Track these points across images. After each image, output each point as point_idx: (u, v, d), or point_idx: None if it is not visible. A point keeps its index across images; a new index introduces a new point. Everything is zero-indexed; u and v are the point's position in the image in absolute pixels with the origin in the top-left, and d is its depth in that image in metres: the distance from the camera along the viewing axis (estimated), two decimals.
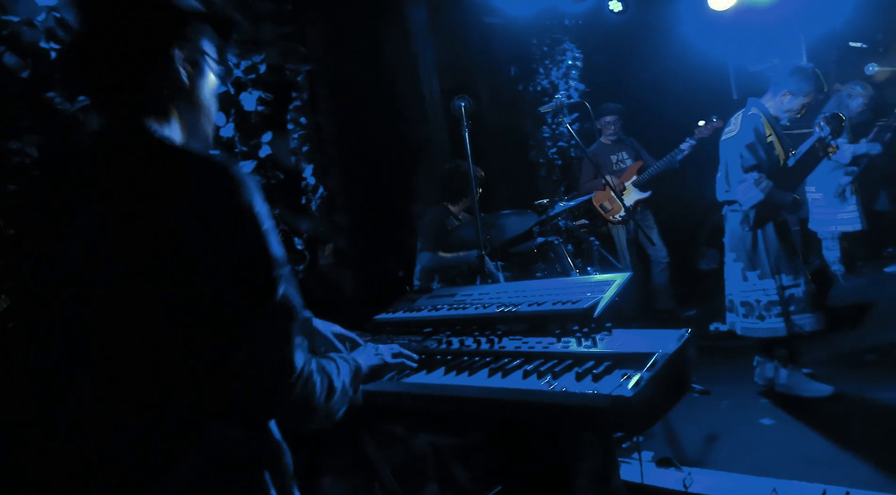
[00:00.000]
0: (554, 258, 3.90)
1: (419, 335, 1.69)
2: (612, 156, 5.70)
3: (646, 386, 1.10)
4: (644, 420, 1.11)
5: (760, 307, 3.67)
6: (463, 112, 3.25)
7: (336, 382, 1.10)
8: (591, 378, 1.17)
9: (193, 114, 1.13)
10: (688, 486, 2.32)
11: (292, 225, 4.06)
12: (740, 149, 3.54)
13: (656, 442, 3.42)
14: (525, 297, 1.68)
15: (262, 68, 3.87)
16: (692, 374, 3.72)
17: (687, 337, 1.27)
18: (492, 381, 1.28)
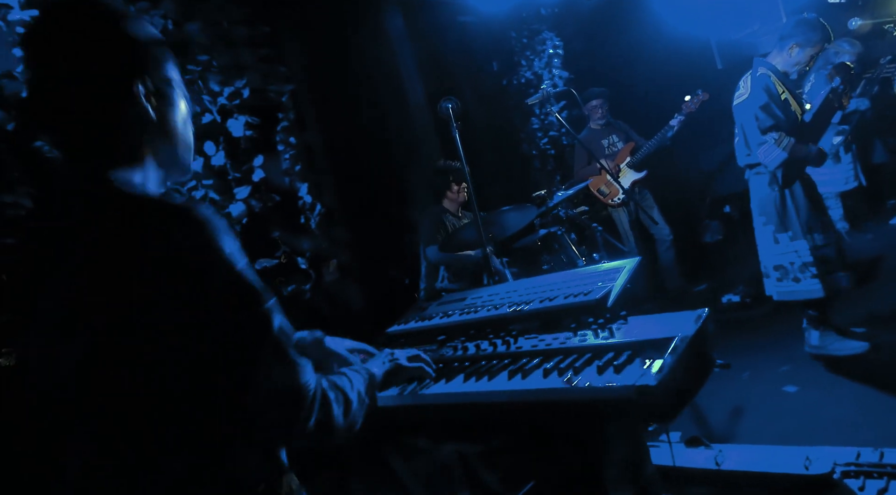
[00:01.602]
0: (558, 249, 3.88)
1: (434, 343, 1.67)
2: (602, 141, 5.68)
3: (669, 372, 1.08)
4: (672, 406, 1.09)
5: (795, 269, 3.61)
6: (451, 113, 3.23)
7: (351, 395, 1.10)
8: (613, 370, 1.15)
9: (167, 145, 1.09)
10: (720, 464, 2.29)
11: (294, 245, 4.05)
12: (755, 111, 3.48)
13: (682, 421, 3.39)
14: (535, 294, 1.66)
15: (246, 93, 3.87)
16: None
17: (705, 316, 1.25)
18: (512, 384, 1.26)
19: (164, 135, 1.08)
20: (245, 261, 0.96)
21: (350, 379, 1.15)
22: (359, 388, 1.15)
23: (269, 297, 0.97)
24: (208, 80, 3.72)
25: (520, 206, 3.69)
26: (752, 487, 2.20)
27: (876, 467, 2.03)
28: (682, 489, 2.35)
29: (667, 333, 1.21)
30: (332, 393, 1.04)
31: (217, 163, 3.64)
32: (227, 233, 0.95)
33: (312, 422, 0.97)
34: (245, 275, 0.94)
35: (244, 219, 3.68)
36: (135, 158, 1.04)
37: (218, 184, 3.62)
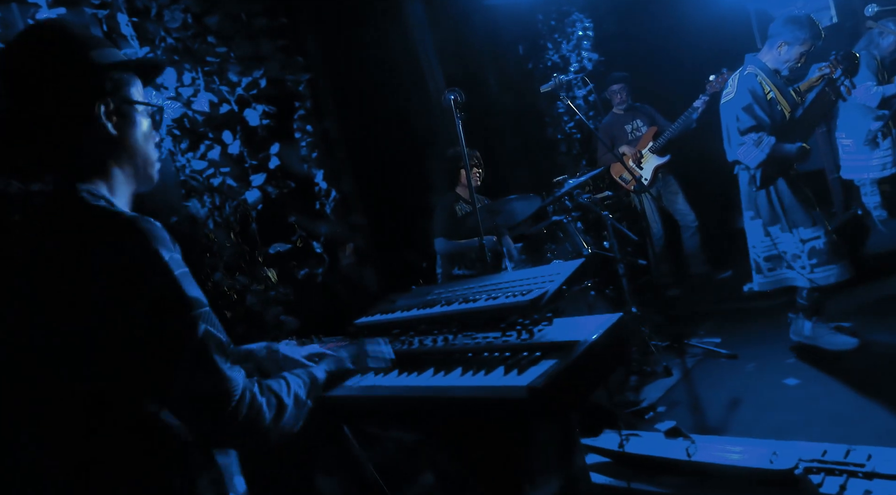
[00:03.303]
0: (564, 237, 3.93)
1: (389, 336, 1.79)
2: (626, 126, 5.63)
3: (560, 375, 1.17)
4: (562, 405, 1.17)
5: (787, 258, 3.62)
6: (453, 105, 3.29)
7: (286, 399, 1.19)
8: (518, 370, 1.24)
9: (130, 161, 1.21)
10: (691, 455, 2.34)
11: (310, 230, 4.22)
12: (737, 112, 3.50)
13: (681, 410, 3.44)
14: (486, 292, 1.75)
15: (263, 83, 4.02)
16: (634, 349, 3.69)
17: (613, 323, 1.32)
18: (435, 380, 1.36)
19: (125, 151, 1.20)
20: (183, 270, 1.07)
21: (288, 383, 1.24)
22: (296, 391, 1.24)
23: (201, 305, 1.07)
24: (227, 71, 3.89)
25: (524, 196, 3.75)
26: (718, 478, 2.25)
27: (838, 464, 2.06)
28: (654, 477, 2.42)
29: (574, 336, 1.29)
30: (264, 397, 1.13)
31: (234, 151, 3.81)
32: (167, 243, 1.06)
33: (238, 425, 1.06)
34: (181, 281, 1.05)
35: (260, 205, 3.85)
36: (101, 172, 1.16)
37: (235, 170, 3.80)
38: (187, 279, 1.07)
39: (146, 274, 1.02)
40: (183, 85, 3.66)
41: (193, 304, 1.05)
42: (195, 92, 3.68)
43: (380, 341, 1.67)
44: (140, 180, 1.25)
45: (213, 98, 3.73)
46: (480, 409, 1.26)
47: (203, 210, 3.59)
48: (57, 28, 1.17)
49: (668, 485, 2.33)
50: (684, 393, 3.61)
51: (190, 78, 3.70)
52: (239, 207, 3.79)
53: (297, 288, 3.95)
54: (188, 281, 1.07)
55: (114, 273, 1.00)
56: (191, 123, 3.67)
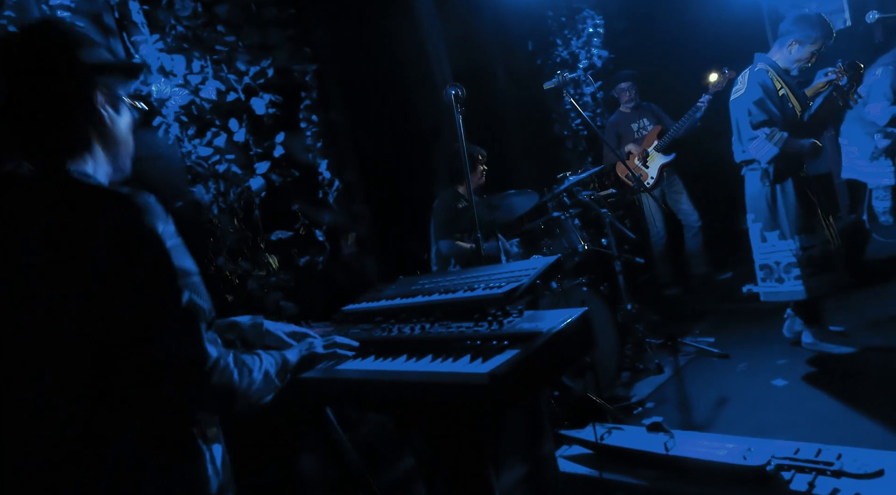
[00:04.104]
0: (560, 233, 3.98)
1: (371, 323, 1.86)
2: (632, 125, 5.66)
3: (522, 362, 1.23)
4: (521, 392, 1.24)
5: (780, 269, 3.65)
6: (454, 100, 3.34)
7: (256, 374, 1.28)
8: (482, 357, 1.31)
9: (114, 148, 1.32)
10: (669, 449, 2.40)
11: (312, 218, 4.30)
12: (748, 106, 3.51)
13: (668, 407, 3.49)
14: (466, 284, 1.82)
15: (271, 72, 4.09)
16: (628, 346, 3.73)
17: (577, 316, 1.38)
18: (406, 365, 1.43)
19: (112, 139, 1.31)
20: (176, 241, 1.16)
21: (261, 359, 1.34)
22: (267, 369, 1.33)
23: (188, 275, 1.16)
24: (235, 60, 3.97)
25: (522, 191, 3.80)
26: (693, 473, 2.31)
27: (808, 462, 2.11)
28: (633, 470, 2.49)
29: (539, 328, 1.35)
30: (236, 367, 1.22)
31: (239, 139, 3.90)
32: (162, 217, 1.16)
33: (209, 389, 1.16)
34: (172, 252, 1.14)
35: (263, 193, 3.94)
36: (87, 154, 1.26)
37: (240, 158, 3.88)
38: (178, 250, 1.16)
39: (140, 246, 1.11)
40: (192, 72, 3.74)
41: (180, 274, 1.14)
42: (203, 79, 3.76)
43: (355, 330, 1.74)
44: (117, 168, 1.35)
45: (220, 86, 3.81)
46: (446, 394, 1.33)
47: (208, 195, 3.68)
48: (54, 26, 1.28)
49: (645, 478, 2.39)
50: (674, 391, 3.67)
51: (199, 66, 3.78)
52: (243, 194, 3.87)
53: (297, 275, 4.03)
54: (179, 251, 1.16)
55: (111, 245, 1.09)
56: (198, 110, 3.75)
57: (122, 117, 1.33)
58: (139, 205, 1.14)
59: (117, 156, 1.33)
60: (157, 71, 3.61)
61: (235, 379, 1.21)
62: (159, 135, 3.60)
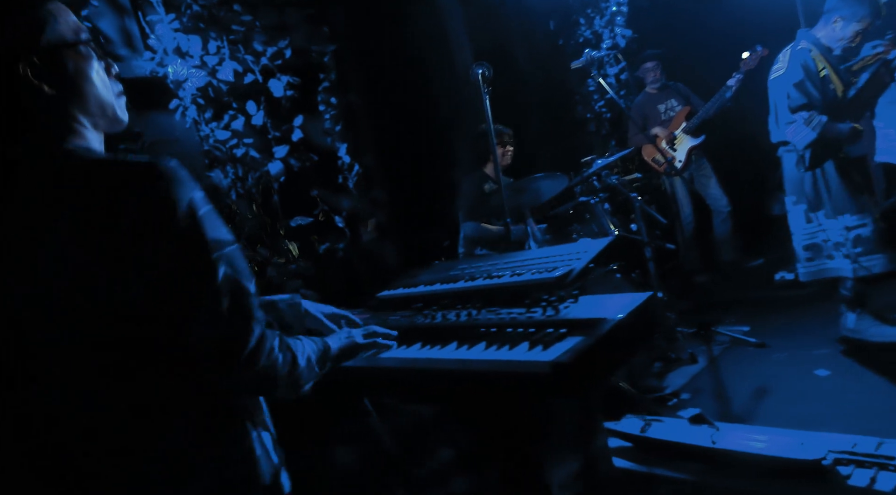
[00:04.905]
0: (590, 218, 3.90)
1: (411, 310, 1.80)
2: (659, 106, 5.54)
3: (586, 352, 1.17)
4: (584, 382, 1.18)
5: (829, 246, 3.56)
6: (481, 79, 3.26)
7: (300, 358, 1.21)
8: (542, 346, 1.25)
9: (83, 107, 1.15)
10: (715, 442, 2.34)
11: (331, 203, 4.25)
12: (787, 89, 3.42)
13: (705, 398, 3.42)
14: (511, 269, 1.76)
15: (288, 53, 4.03)
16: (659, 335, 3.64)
17: (643, 301, 1.32)
18: (458, 353, 1.38)
19: (73, 101, 1.14)
20: (207, 208, 1.07)
21: (304, 345, 1.27)
22: (309, 355, 1.26)
23: (222, 246, 1.06)
24: (252, 40, 3.90)
25: (551, 174, 3.72)
26: (742, 467, 2.24)
27: (868, 457, 2.04)
28: (677, 464, 2.42)
29: (602, 314, 1.29)
30: (281, 352, 1.15)
31: (257, 123, 3.85)
32: (189, 183, 1.06)
33: (255, 370, 1.08)
34: (203, 222, 1.05)
35: (282, 178, 3.89)
36: (67, 129, 1.13)
37: (258, 142, 3.84)
38: (210, 219, 1.07)
39: (170, 219, 1.02)
40: (208, 53, 3.69)
41: (214, 246, 1.05)
42: (220, 61, 3.71)
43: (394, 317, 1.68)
44: (105, 122, 1.21)
45: (237, 67, 3.75)
46: (503, 383, 1.27)
47: (226, 180, 3.63)
48: None
49: (690, 472, 2.33)
50: (709, 381, 3.59)
51: (215, 46, 3.72)
52: (261, 179, 3.83)
53: (317, 262, 3.99)
54: (211, 221, 1.07)
55: (136, 219, 1.01)
56: (215, 93, 3.70)
57: (73, 70, 1.14)
58: (162, 173, 1.04)
59: (92, 113, 1.18)
60: (173, 52, 3.55)
61: (279, 364, 1.14)
62: (176, 118, 3.56)
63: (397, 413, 1.81)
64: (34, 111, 1.11)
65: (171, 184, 1.03)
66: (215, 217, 1.09)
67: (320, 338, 1.40)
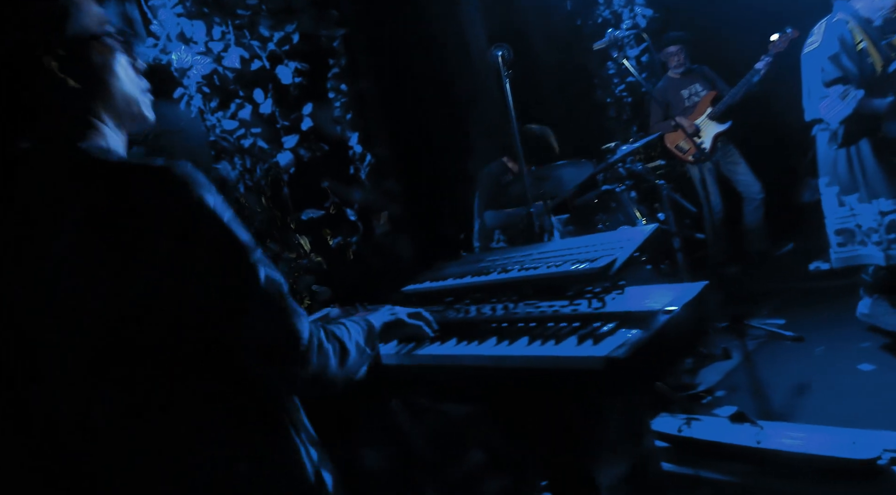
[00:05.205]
0: (616, 207, 3.85)
1: (441, 304, 1.76)
2: (682, 91, 5.46)
3: (643, 346, 1.13)
4: (642, 380, 1.14)
5: (862, 231, 3.50)
6: (501, 62, 3.21)
7: (349, 345, 1.19)
8: (592, 340, 1.21)
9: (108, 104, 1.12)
10: (760, 442, 2.29)
11: (343, 196, 4.21)
12: (821, 63, 3.35)
13: (741, 395, 3.37)
14: (547, 259, 1.71)
15: (296, 38, 3.98)
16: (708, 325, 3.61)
17: (699, 291, 1.27)
18: (498, 349, 1.34)
19: (98, 96, 1.11)
20: (229, 213, 1.04)
21: (348, 329, 1.24)
22: (357, 339, 1.24)
23: (255, 249, 1.05)
24: (258, 25, 3.86)
25: (575, 162, 3.67)
26: (791, 467, 2.20)
27: None
28: (720, 465, 2.38)
29: (654, 306, 1.25)
30: (329, 343, 1.13)
31: (265, 111, 3.81)
32: (208, 187, 1.03)
33: (310, 371, 1.07)
34: (231, 226, 1.02)
35: (292, 169, 3.85)
36: (87, 126, 1.09)
37: (266, 132, 3.80)
38: (236, 223, 1.04)
39: (195, 225, 0.99)
40: (212, 39, 3.65)
41: (249, 250, 1.03)
42: (225, 47, 3.67)
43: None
44: (129, 121, 1.18)
45: (244, 53, 3.71)
46: (551, 381, 1.23)
47: (233, 172, 3.60)
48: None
49: (735, 473, 2.29)
50: (745, 378, 3.54)
51: (220, 32, 3.68)
52: (270, 170, 3.79)
53: (329, 257, 3.95)
54: (237, 225, 1.04)
55: (161, 227, 0.97)
56: (221, 80, 3.66)
57: (98, 63, 1.11)
58: (183, 178, 0.99)
59: (117, 111, 1.15)
60: (176, 38, 3.52)
61: (331, 358, 1.12)
62: (181, 107, 3.52)
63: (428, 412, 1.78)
64: (55, 106, 1.07)
65: (192, 187, 1.00)
66: (238, 221, 1.06)
67: (361, 317, 1.37)
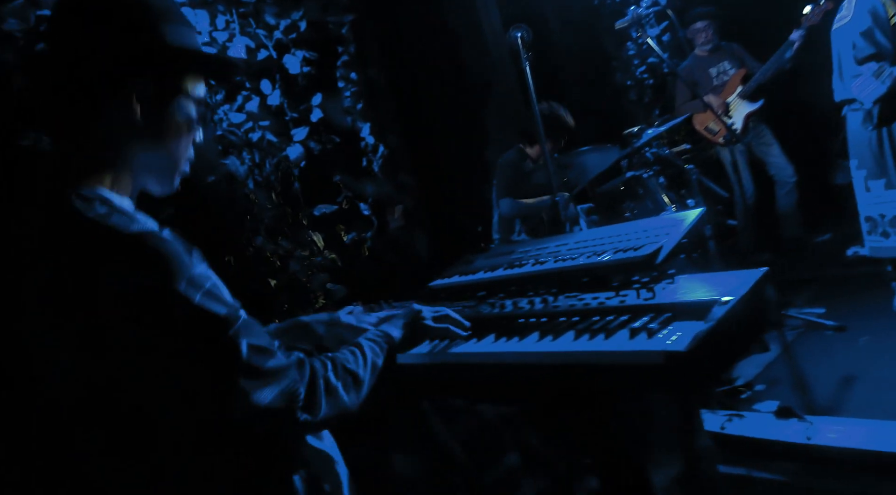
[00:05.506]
0: (644, 194, 3.79)
1: (473, 299, 1.72)
2: (710, 69, 5.37)
3: (704, 339, 1.08)
4: (703, 374, 1.09)
5: (885, 222, 3.45)
6: (520, 44, 3.17)
7: (362, 374, 1.18)
8: (646, 333, 1.16)
9: (151, 155, 1.12)
10: (811, 438, 2.24)
11: (355, 190, 4.18)
12: (853, 38, 3.29)
13: (782, 389, 3.31)
14: (586, 248, 1.67)
15: (303, 25, 3.95)
16: None
17: (759, 278, 1.23)
18: (542, 345, 1.30)
19: (149, 145, 1.11)
20: (207, 286, 0.99)
21: (364, 354, 1.23)
22: (373, 361, 1.23)
23: (234, 320, 1.01)
24: (263, 13, 3.83)
25: (600, 147, 3.62)
26: (845, 464, 2.15)
27: None
28: (768, 464, 2.33)
29: (711, 296, 1.20)
30: (339, 380, 1.13)
31: (273, 103, 3.78)
32: (181, 261, 0.98)
33: (320, 416, 1.07)
34: (207, 301, 0.98)
35: (302, 163, 3.82)
36: (110, 162, 1.08)
37: (274, 125, 3.77)
38: (214, 294, 1.00)
39: (165, 308, 0.96)
40: (216, 29, 3.62)
41: (227, 324, 1.00)
42: (230, 37, 3.64)
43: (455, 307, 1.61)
44: (157, 182, 1.17)
45: (249, 43, 3.68)
46: (602, 378, 1.19)
47: (242, 168, 3.57)
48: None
49: (784, 472, 2.24)
50: (785, 370, 3.46)
51: (224, 21, 3.65)
52: (280, 165, 3.76)
53: (344, 253, 3.92)
54: (215, 296, 1.00)
55: (128, 305, 0.94)
56: None
57: (172, 118, 1.12)
58: (153, 252, 0.95)
59: (158, 167, 1.14)
60: None
61: (342, 394, 1.13)
62: None
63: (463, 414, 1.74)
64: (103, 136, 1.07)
65: (162, 264, 0.95)
66: (219, 288, 1.02)
67: (377, 329, 1.34)
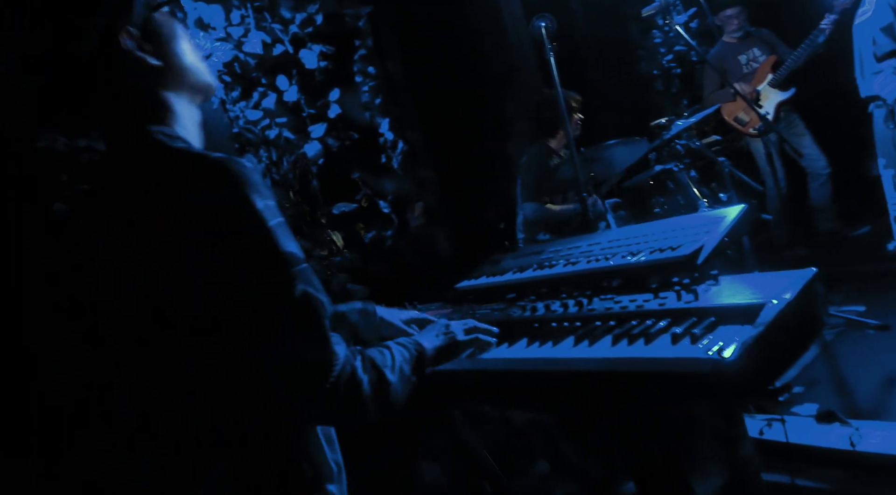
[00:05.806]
0: (674, 189, 3.73)
1: (502, 302, 1.70)
2: (740, 57, 5.30)
3: (754, 346, 1.05)
4: (753, 384, 1.06)
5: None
6: (544, 33, 3.14)
7: (390, 375, 1.13)
8: (690, 339, 1.14)
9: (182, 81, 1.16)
10: (855, 444, 2.19)
11: (375, 187, 4.17)
12: (874, 34, 3.25)
13: (822, 391, 3.26)
14: (620, 248, 1.64)
15: (319, 19, 3.94)
16: None
17: (809, 279, 1.19)
18: (577, 351, 1.27)
19: (171, 72, 1.14)
20: (279, 219, 1.02)
21: (393, 355, 1.19)
22: (401, 366, 1.19)
23: (297, 262, 1.02)
24: (278, 6, 3.83)
25: (628, 140, 3.58)
26: (892, 472, 2.10)
27: None
28: (809, 471, 2.29)
29: (759, 299, 1.17)
30: (366, 374, 1.08)
31: (290, 99, 3.78)
32: (260, 189, 1.01)
33: (338, 402, 1.02)
34: (275, 233, 1.00)
35: (320, 160, 3.82)
36: (159, 107, 1.13)
37: (292, 121, 3.77)
38: (282, 231, 1.02)
39: (238, 224, 0.98)
40: (231, 24, 3.63)
41: (289, 261, 1.01)
42: (245, 32, 3.64)
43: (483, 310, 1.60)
44: (200, 94, 1.22)
45: (265, 37, 3.68)
46: (644, 387, 1.16)
47: (259, 166, 3.58)
48: None
49: (827, 480, 2.19)
50: (825, 371, 3.42)
51: (239, 16, 3.65)
52: (298, 162, 3.76)
53: (364, 253, 3.92)
54: (283, 233, 1.02)
55: (202, 222, 0.97)
56: (242, 68, 3.64)
57: (170, 39, 1.14)
58: (235, 174, 0.99)
59: (192, 86, 1.18)
60: (193, 24, 3.50)
61: (365, 389, 1.06)
62: None
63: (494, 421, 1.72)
64: (131, 90, 1.10)
65: (241, 186, 0.99)
66: (287, 229, 1.04)
67: (411, 338, 1.31)
